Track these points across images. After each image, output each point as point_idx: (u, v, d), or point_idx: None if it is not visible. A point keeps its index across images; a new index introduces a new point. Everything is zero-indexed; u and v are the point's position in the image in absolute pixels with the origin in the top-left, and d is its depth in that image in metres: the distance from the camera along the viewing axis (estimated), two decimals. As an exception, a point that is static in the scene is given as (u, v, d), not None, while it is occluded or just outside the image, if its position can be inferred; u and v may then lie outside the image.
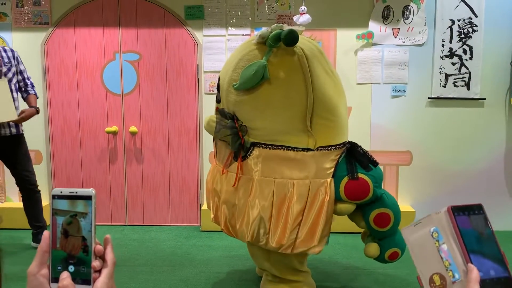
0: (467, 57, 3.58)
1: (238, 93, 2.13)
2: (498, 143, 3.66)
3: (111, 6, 3.70)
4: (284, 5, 3.62)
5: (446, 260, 0.69)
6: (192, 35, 3.70)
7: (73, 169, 3.84)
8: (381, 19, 3.60)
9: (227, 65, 2.27)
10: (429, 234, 0.71)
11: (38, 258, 0.70)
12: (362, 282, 2.66)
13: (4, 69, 3.00)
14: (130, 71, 3.75)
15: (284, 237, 2.10)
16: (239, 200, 2.19)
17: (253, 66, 2.04)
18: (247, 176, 2.18)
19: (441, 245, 0.70)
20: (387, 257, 2.26)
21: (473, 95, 3.61)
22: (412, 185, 3.72)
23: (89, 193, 0.71)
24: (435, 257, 0.71)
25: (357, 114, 3.66)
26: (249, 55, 2.12)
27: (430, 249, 0.71)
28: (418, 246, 0.74)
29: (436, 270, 0.71)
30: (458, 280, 0.68)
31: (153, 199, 3.87)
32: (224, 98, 2.24)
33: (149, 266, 2.93)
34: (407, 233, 0.76)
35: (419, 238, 0.73)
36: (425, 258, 0.72)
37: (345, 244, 3.34)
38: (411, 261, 0.75)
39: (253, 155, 2.16)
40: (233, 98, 2.17)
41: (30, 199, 3.19)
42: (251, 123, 2.14)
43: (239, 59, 2.16)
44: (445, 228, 0.70)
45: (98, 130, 3.80)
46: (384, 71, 3.63)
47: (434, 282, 0.71)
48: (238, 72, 2.12)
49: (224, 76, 2.25)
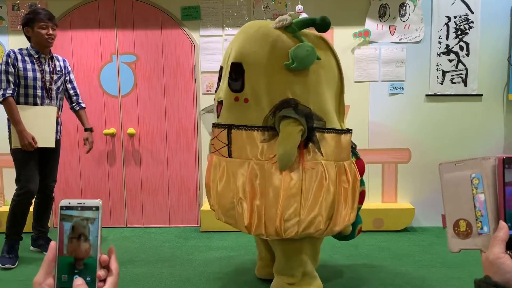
0: (464, 53, 3.58)
1: (288, 73, 2.09)
2: (497, 139, 3.66)
3: (107, 8, 3.69)
4: (281, 4, 3.62)
5: (479, 210, 0.66)
6: (188, 36, 3.69)
7: (71, 171, 3.83)
8: (377, 17, 3.60)
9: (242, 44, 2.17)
10: (469, 179, 0.67)
11: (44, 267, 0.70)
12: (362, 280, 2.65)
13: (55, 77, 3.06)
14: (127, 72, 3.75)
15: (348, 217, 2.19)
16: (309, 189, 2.06)
17: (303, 47, 2.05)
18: (313, 162, 2.09)
19: (478, 194, 0.66)
20: (356, 233, 2.42)
21: (470, 91, 3.61)
22: (411, 182, 3.73)
23: (96, 204, 0.72)
24: (468, 203, 0.67)
25: (355, 112, 3.66)
26: (264, 29, 2.15)
27: (465, 194, 0.67)
28: (453, 186, 0.69)
29: (464, 216, 0.68)
30: (485, 233, 0.65)
31: (152, 201, 3.86)
32: (253, 77, 2.13)
33: (149, 267, 2.92)
34: (444, 169, 0.71)
35: (457, 179, 0.69)
36: (457, 200, 0.69)
37: (346, 243, 3.34)
38: (411, 261, 0.73)
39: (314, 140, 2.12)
40: (281, 78, 2.10)
41: (45, 205, 3.23)
42: (304, 103, 2.11)
43: (254, 31, 2.15)
44: (488, 177, 0.65)
45: (96, 132, 3.79)
46: (382, 69, 3.64)
47: (459, 227, 0.68)
48: (256, 44, 2.12)
49: (241, 56, 2.15)
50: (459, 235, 0.69)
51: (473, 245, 0.67)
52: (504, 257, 0.62)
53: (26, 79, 2.93)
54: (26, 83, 2.93)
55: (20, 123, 2.89)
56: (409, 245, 3.28)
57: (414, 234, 3.53)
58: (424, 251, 3.12)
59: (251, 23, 2.29)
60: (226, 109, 2.25)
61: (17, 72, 2.90)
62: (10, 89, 2.88)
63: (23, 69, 2.92)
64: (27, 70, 2.94)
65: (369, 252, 3.13)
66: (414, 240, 3.39)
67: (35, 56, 2.98)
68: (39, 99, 2.99)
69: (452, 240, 0.70)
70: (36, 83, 2.97)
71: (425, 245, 3.25)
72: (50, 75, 3.04)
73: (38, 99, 2.98)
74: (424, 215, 3.67)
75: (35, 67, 2.97)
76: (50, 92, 3.03)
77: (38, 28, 2.93)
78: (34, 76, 2.96)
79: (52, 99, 3.05)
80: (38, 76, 2.98)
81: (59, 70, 3.11)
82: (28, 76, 2.93)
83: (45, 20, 2.93)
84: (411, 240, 3.38)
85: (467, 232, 0.68)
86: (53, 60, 3.09)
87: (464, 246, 0.69)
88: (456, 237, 0.69)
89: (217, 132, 2.32)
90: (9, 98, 2.87)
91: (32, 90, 2.95)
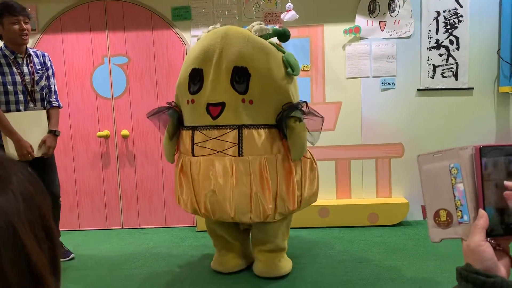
0: (454, 47, 3.60)
1: (287, 77, 2.45)
2: (489, 131, 3.69)
3: (97, 10, 3.69)
4: (271, 3, 3.63)
5: (458, 199, 0.66)
6: (180, 36, 3.70)
7: (66, 174, 3.83)
8: (367, 13, 3.62)
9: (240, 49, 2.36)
10: (448, 169, 0.67)
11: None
12: (358, 275, 2.68)
13: (36, 77, 2.81)
14: (120, 74, 3.75)
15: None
16: (306, 174, 2.59)
17: (292, 56, 2.48)
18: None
19: (457, 184, 0.66)
20: None
21: (461, 85, 3.64)
22: (405, 176, 3.74)
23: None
24: (448, 193, 0.68)
25: (348, 108, 3.68)
26: (253, 37, 2.43)
27: (444, 184, 0.68)
28: (432, 177, 0.70)
29: (444, 206, 0.68)
30: (465, 222, 0.66)
31: (147, 202, 3.87)
32: (261, 82, 2.38)
33: (146, 268, 2.93)
34: (423, 160, 0.72)
35: (435, 170, 0.70)
36: (436, 191, 0.69)
37: (341, 238, 3.36)
38: (406, 254, 0.73)
39: None
40: (284, 82, 2.44)
41: (53, 211, 3.16)
42: (296, 100, 2.54)
43: (246, 39, 2.39)
44: (467, 167, 0.66)
45: (90, 134, 3.79)
46: (373, 65, 3.65)
47: (440, 216, 0.69)
48: (254, 51, 2.37)
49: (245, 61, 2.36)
50: (440, 225, 0.70)
51: (454, 234, 0.68)
52: (484, 244, 0.63)
53: (4, 85, 2.67)
54: (6, 89, 2.68)
55: (15, 133, 2.67)
56: (404, 239, 3.30)
57: (409, 228, 3.55)
58: (418, 245, 3.14)
59: (232, 28, 2.48)
60: (233, 110, 2.37)
61: None
62: None
63: (0, 74, 2.66)
64: (4, 75, 2.67)
65: (364, 247, 3.16)
66: (408, 234, 3.42)
67: (11, 58, 2.71)
68: (22, 105, 2.75)
69: (433, 230, 0.71)
70: (17, 88, 2.71)
71: (419, 239, 3.27)
72: (31, 76, 2.77)
73: (21, 105, 2.74)
74: (418, 209, 3.68)
75: (13, 70, 2.71)
76: (33, 95, 2.80)
77: (9, 24, 2.63)
78: (14, 80, 2.70)
79: (37, 102, 2.82)
80: (18, 79, 2.72)
81: (39, 69, 2.84)
82: (6, 82, 2.68)
83: (15, 14, 2.62)
84: (406, 234, 3.41)
85: (447, 222, 0.68)
86: (31, 58, 2.82)
87: (445, 235, 0.69)
88: (437, 226, 0.70)
89: (217, 134, 2.36)
90: None
91: (13, 96, 2.70)
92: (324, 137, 3.66)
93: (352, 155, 3.75)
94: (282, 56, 2.44)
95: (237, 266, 2.77)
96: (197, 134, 2.45)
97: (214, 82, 2.37)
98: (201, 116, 2.43)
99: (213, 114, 2.38)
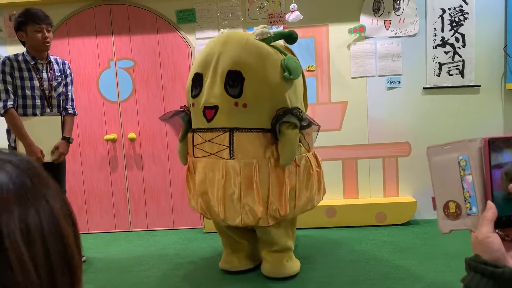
0: (460, 45, 3.59)
1: (284, 82, 2.40)
2: (496, 128, 3.66)
3: (103, 15, 3.72)
4: (275, 4, 3.64)
5: (467, 191, 0.67)
6: (185, 39, 3.72)
7: (74, 179, 3.86)
8: (372, 12, 3.61)
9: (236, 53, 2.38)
10: (456, 161, 0.68)
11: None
12: (366, 275, 2.67)
13: (54, 83, 2.87)
14: (126, 78, 3.77)
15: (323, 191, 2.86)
16: (301, 181, 2.53)
17: (292, 59, 2.40)
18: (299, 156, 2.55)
19: (466, 176, 0.67)
20: None
21: (467, 82, 3.62)
22: (412, 175, 3.73)
23: None
24: (456, 185, 0.68)
25: (354, 108, 3.68)
26: (252, 41, 2.42)
27: (453, 176, 0.69)
28: (441, 169, 0.71)
29: (453, 198, 0.69)
30: (474, 213, 0.66)
31: (155, 204, 3.89)
32: (255, 86, 2.36)
33: (155, 270, 2.94)
34: (432, 152, 0.72)
35: (444, 162, 0.70)
36: (446, 183, 0.70)
37: (349, 238, 3.36)
38: (414, 253, 0.73)
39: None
40: (281, 87, 2.40)
41: None
42: (294, 105, 2.49)
43: (244, 42, 2.39)
44: (475, 159, 0.66)
45: (97, 138, 3.82)
46: (378, 64, 3.65)
47: (449, 208, 0.70)
48: (251, 55, 2.37)
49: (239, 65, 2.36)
50: (449, 216, 0.70)
51: (462, 225, 0.69)
52: (492, 236, 0.63)
53: (23, 89, 2.74)
54: (24, 93, 2.75)
55: (27, 137, 2.71)
56: (412, 238, 3.29)
57: (417, 227, 3.54)
58: (427, 244, 3.13)
59: (233, 33, 2.55)
60: (225, 114, 2.39)
61: (14, 81, 2.71)
62: (11, 100, 2.70)
63: (20, 78, 2.73)
64: (24, 79, 2.75)
65: (372, 247, 3.15)
66: (417, 233, 3.40)
67: (32, 63, 2.78)
68: (39, 110, 2.81)
69: (442, 222, 0.72)
70: (35, 93, 2.78)
71: (428, 238, 3.26)
72: (49, 82, 2.85)
73: (37, 109, 2.80)
74: (426, 207, 3.67)
75: (32, 75, 2.78)
76: (50, 100, 2.86)
77: (33, 32, 2.71)
78: (32, 85, 2.77)
79: (53, 107, 2.88)
80: (36, 84, 2.79)
81: (58, 75, 2.91)
82: (25, 86, 2.74)
83: (38, 22, 2.70)
84: (414, 233, 3.39)
85: (456, 213, 0.69)
86: (51, 65, 2.89)
87: (454, 227, 0.70)
88: (446, 218, 0.71)
89: (211, 136, 2.40)
90: (11, 109, 2.70)
91: (30, 101, 2.77)
92: (331, 137, 3.68)
93: (358, 155, 3.75)
94: (281, 60, 2.41)
95: (245, 265, 2.78)
96: (196, 137, 2.54)
97: (210, 86, 2.44)
98: (199, 119, 2.50)
99: (208, 116, 2.44)
